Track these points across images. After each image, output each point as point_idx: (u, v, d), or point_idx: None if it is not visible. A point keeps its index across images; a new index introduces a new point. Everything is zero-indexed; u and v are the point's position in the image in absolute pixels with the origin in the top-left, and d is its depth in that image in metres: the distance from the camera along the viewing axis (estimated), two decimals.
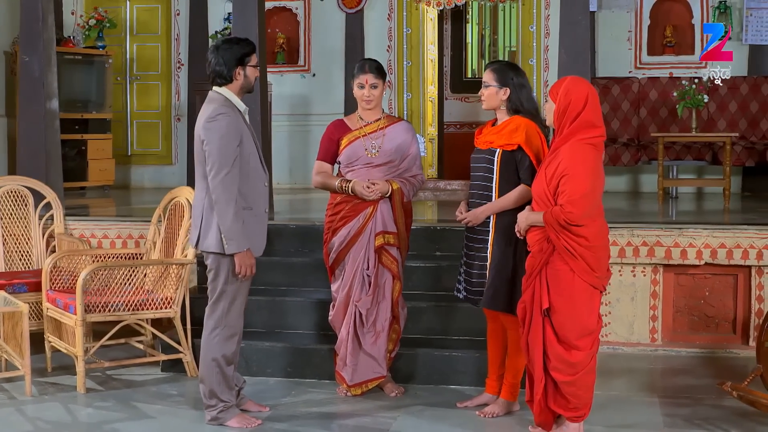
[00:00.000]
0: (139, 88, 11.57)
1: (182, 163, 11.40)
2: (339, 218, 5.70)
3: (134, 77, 11.53)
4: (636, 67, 10.48)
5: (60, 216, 7.42)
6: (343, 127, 5.84)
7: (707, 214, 8.29)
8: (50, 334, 6.41)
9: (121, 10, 11.40)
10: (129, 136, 11.60)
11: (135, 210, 9.19)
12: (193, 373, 6.28)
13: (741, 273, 6.89)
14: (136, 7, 11.51)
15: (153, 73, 11.53)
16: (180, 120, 11.41)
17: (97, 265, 6.05)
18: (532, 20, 10.78)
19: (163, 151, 11.56)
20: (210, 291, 5.21)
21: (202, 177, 5.13)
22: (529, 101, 5.32)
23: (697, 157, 9.53)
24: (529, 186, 5.13)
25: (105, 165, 10.66)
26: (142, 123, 11.59)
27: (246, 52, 5.20)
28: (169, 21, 11.44)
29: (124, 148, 11.50)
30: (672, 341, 6.99)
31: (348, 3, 10.97)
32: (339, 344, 5.84)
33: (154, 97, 11.54)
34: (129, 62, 11.52)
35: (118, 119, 11.29)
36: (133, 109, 11.59)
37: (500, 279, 5.26)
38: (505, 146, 5.24)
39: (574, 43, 7.00)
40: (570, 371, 4.88)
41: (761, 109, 10.01)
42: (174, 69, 11.43)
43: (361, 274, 5.71)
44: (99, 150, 10.56)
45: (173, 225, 6.56)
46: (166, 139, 11.54)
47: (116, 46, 11.26)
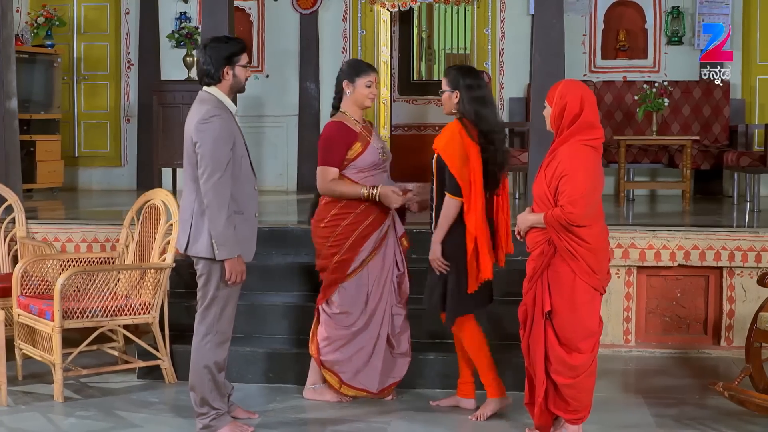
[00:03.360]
0: (86, 88, 11.28)
1: (132, 165, 11.16)
2: (366, 226, 5.54)
3: (81, 77, 11.24)
4: (591, 71, 10.57)
5: (22, 219, 7.19)
6: (349, 130, 5.56)
7: (671, 216, 8.41)
8: (21, 341, 6.20)
9: (68, 8, 11.07)
10: (76, 137, 11.29)
11: (92, 213, 8.95)
12: (171, 380, 6.14)
13: (712, 274, 7.01)
14: (84, 5, 11.19)
15: (101, 72, 11.24)
16: (130, 121, 11.15)
17: (76, 270, 5.87)
18: (487, 23, 10.81)
19: (112, 152, 11.28)
20: (200, 297, 5.08)
21: (192, 179, 5.00)
22: (472, 103, 5.26)
23: (654, 160, 9.67)
24: (450, 193, 5.19)
25: (53, 167, 10.37)
26: (90, 124, 11.30)
27: (234, 52, 5.07)
28: (118, 20, 11.17)
29: (71, 149, 11.20)
30: (645, 342, 7.08)
31: (302, 4, 10.87)
32: (355, 354, 5.66)
33: (102, 98, 11.27)
34: (76, 61, 11.22)
35: (65, 120, 10.98)
36: (81, 110, 11.28)
37: (433, 280, 5.38)
38: (437, 151, 5.29)
39: (548, 46, 7.06)
40: (571, 374, 4.89)
41: (713, 113, 10.19)
42: (123, 69, 11.16)
43: (392, 279, 5.64)
44: (47, 151, 10.27)
45: (148, 228, 6.40)
46: (114, 141, 11.27)
47: (63, 44, 10.95)
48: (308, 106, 10.87)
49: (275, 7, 10.96)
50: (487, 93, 5.37)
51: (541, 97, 6.98)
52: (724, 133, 10.17)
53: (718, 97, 10.18)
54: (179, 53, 10.75)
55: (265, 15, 11.00)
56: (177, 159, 9.81)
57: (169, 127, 9.78)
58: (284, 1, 10.92)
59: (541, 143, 7.01)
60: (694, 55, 10.43)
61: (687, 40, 10.42)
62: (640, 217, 8.37)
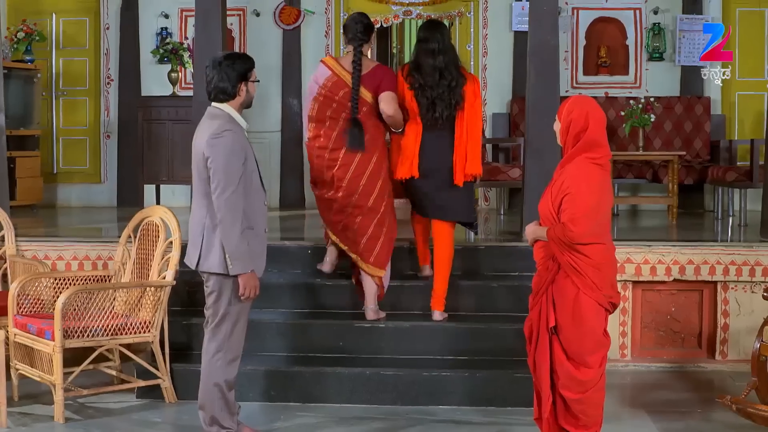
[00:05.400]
0: (65, 104, 11.13)
1: (112, 182, 11.00)
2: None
3: (60, 92, 11.10)
4: (573, 87, 10.64)
5: (11, 237, 7.07)
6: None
7: (660, 231, 8.48)
8: (18, 361, 6.08)
9: (46, 22, 10.95)
10: (55, 154, 11.15)
11: (77, 230, 8.85)
12: (172, 399, 6.07)
13: (706, 288, 7.07)
14: (63, 20, 11.07)
15: (80, 88, 11.10)
16: (109, 137, 11.01)
17: (77, 288, 5.78)
18: (469, 39, 10.85)
19: (91, 169, 11.15)
20: (211, 314, 5.04)
21: (203, 195, 4.97)
22: (418, 54, 6.37)
23: (637, 175, 9.74)
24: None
25: (33, 183, 10.23)
26: (69, 140, 11.15)
27: (248, 68, 5.10)
28: (97, 35, 11.04)
29: (49, 166, 11.05)
30: (640, 356, 7.12)
31: (285, 20, 10.83)
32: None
33: (82, 114, 11.13)
34: (55, 77, 11.08)
35: (44, 136, 10.84)
36: (59, 126, 11.14)
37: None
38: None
39: (543, 63, 7.06)
40: (579, 389, 4.88)
41: (695, 129, 10.30)
42: (103, 84, 11.03)
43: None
44: (27, 168, 10.13)
45: (146, 246, 6.32)
46: (94, 157, 11.13)
47: (41, 59, 10.82)
48: (290, 122, 10.82)
49: (257, 22, 10.92)
50: (436, 47, 6.22)
51: (535, 113, 7.11)
52: (706, 148, 10.29)
53: (699, 113, 10.29)
54: (160, 69, 10.66)
55: (247, 30, 10.95)
56: (162, 175, 9.75)
57: (155, 144, 9.70)
58: (266, 17, 10.88)
59: (537, 158, 7.07)
60: (675, 71, 10.56)
61: (668, 56, 10.54)
62: (629, 232, 8.44)
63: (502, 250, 7.00)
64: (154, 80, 10.83)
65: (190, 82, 10.61)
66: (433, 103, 6.19)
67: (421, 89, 6.21)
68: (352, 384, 6.03)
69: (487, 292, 6.61)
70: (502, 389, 5.95)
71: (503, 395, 5.94)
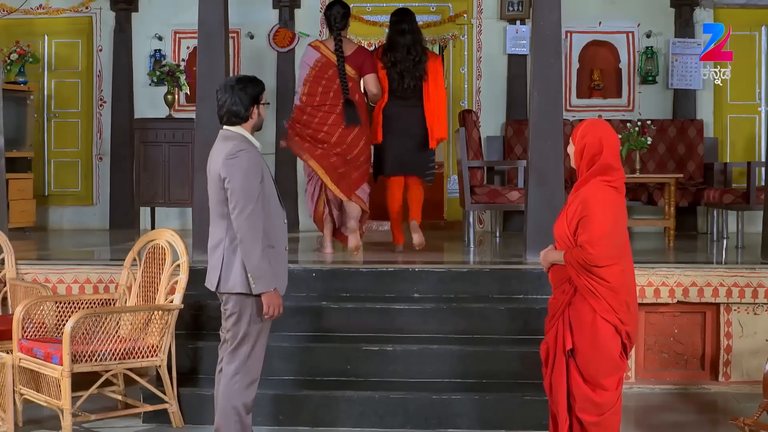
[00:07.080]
0: (57, 126, 11.08)
1: (104, 204, 10.95)
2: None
3: (52, 114, 11.05)
4: (566, 110, 10.64)
5: (11, 260, 7.01)
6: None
7: (658, 253, 8.49)
8: (23, 386, 6.01)
9: (39, 44, 10.91)
10: (47, 176, 11.08)
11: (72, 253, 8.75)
12: (179, 424, 6.02)
13: (709, 310, 7.10)
14: (55, 41, 11.04)
15: (72, 110, 11.06)
16: (102, 159, 10.97)
17: (86, 313, 5.72)
18: (463, 62, 10.89)
19: (83, 191, 11.08)
20: (231, 336, 5.01)
21: (220, 216, 4.96)
22: (392, 33, 8.19)
23: (633, 198, 9.75)
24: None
25: (25, 206, 10.15)
26: (61, 162, 11.09)
27: (260, 91, 5.11)
28: (90, 57, 11.01)
29: (41, 188, 10.97)
30: (644, 378, 7.13)
31: (279, 42, 10.83)
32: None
33: (74, 136, 11.07)
34: (47, 99, 11.03)
35: (36, 158, 10.76)
36: (51, 148, 11.08)
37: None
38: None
39: (547, 86, 7.10)
40: (596, 411, 4.87)
41: (688, 151, 10.37)
42: (96, 107, 10.99)
43: None
44: (19, 190, 10.04)
45: (151, 269, 6.28)
46: (86, 179, 11.07)
47: (33, 81, 10.75)
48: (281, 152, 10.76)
49: (252, 45, 10.92)
50: (405, 27, 7.91)
51: (538, 136, 7.14)
52: (699, 170, 10.35)
53: (693, 136, 10.36)
54: (154, 91, 10.64)
55: (242, 53, 10.96)
56: (158, 198, 9.71)
57: (150, 166, 9.66)
58: (261, 39, 10.88)
59: (540, 181, 7.10)
60: (667, 94, 10.64)
61: (660, 79, 10.62)
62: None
63: (507, 272, 7.00)
64: (147, 102, 10.81)
65: (184, 104, 10.62)
66: (401, 74, 7.88)
67: (393, 65, 7.89)
68: (362, 408, 6.00)
69: (493, 314, 6.59)
70: (513, 412, 5.92)
71: (513, 418, 5.92)
